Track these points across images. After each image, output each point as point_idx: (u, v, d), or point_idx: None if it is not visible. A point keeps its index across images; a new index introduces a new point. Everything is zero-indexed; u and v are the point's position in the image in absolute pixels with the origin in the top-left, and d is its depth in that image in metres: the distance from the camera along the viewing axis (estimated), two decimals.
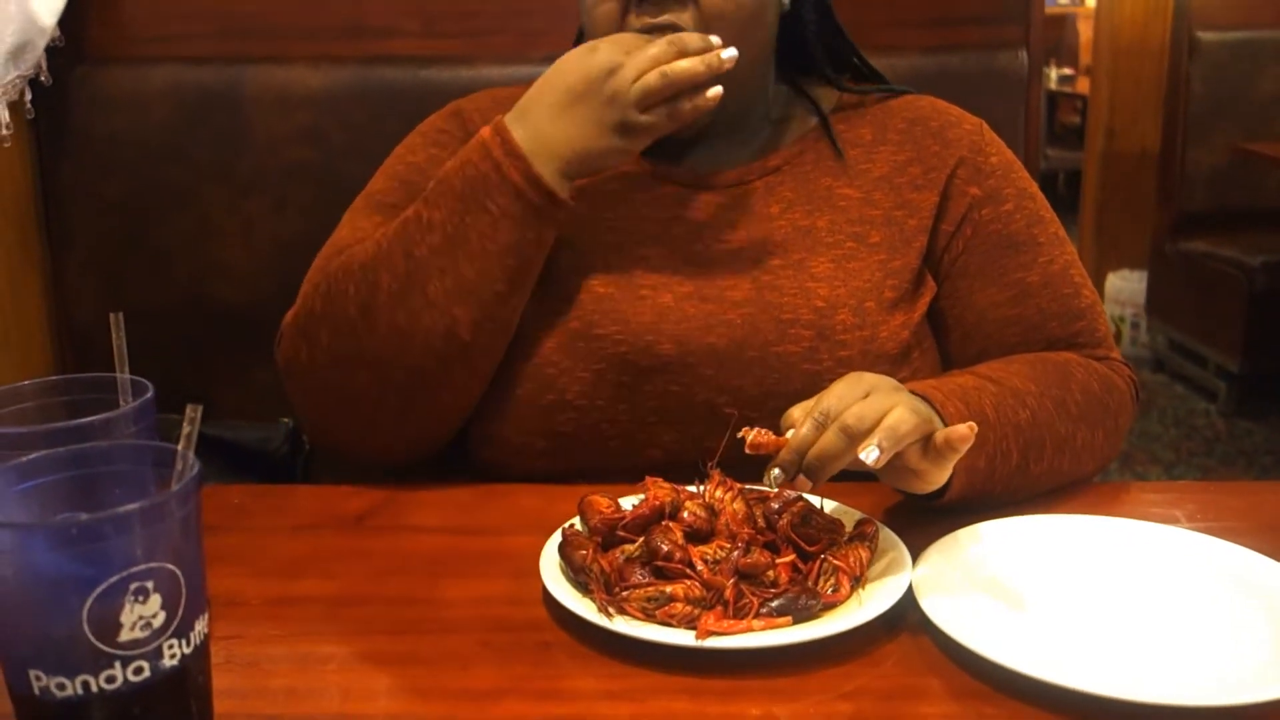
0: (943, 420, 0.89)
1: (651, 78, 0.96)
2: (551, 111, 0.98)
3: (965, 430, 0.81)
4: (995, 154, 1.10)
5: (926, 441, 0.82)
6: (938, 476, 0.85)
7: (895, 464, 0.84)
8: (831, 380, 0.92)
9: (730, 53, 0.97)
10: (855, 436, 0.81)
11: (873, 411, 0.81)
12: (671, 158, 1.11)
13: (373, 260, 1.00)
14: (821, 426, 0.82)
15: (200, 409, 0.59)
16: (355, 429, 1.03)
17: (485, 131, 0.99)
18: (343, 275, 1.01)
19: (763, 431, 0.83)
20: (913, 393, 0.88)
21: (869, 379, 0.86)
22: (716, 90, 0.97)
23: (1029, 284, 1.07)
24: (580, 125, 0.98)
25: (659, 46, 0.97)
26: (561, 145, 0.98)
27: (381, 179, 1.14)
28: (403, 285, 0.98)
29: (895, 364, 1.03)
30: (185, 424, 0.58)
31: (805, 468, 0.81)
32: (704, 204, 1.09)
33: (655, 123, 0.97)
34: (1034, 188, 1.11)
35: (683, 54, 0.97)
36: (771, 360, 1.02)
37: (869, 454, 0.79)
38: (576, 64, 0.99)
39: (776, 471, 0.82)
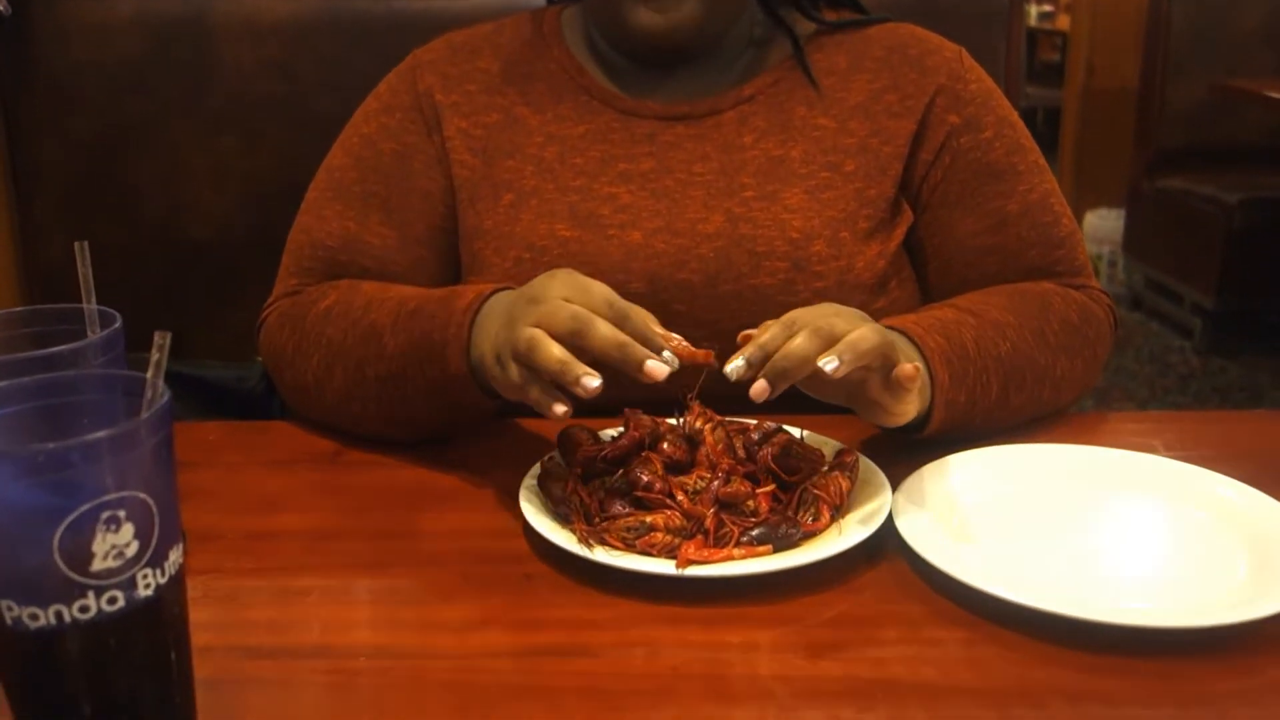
0: (922, 354, 0.89)
1: (556, 352, 0.80)
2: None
3: (910, 370, 0.80)
4: (975, 81, 1.09)
5: (888, 374, 0.82)
6: (899, 409, 0.85)
7: (860, 394, 0.84)
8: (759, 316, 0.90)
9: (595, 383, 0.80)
10: (827, 340, 0.79)
11: (841, 325, 0.80)
12: (646, 90, 1.09)
13: (336, 346, 0.99)
14: (788, 332, 0.80)
15: (169, 336, 0.57)
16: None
17: (469, 295, 0.92)
18: (311, 338, 1.01)
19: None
20: (891, 327, 0.87)
21: (836, 307, 0.85)
22: (565, 410, 0.81)
23: (1008, 212, 1.07)
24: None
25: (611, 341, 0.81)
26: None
27: (340, 153, 1.13)
28: (351, 390, 0.98)
29: (872, 294, 1.02)
30: (154, 351, 0.57)
31: (769, 370, 0.78)
32: (675, 136, 1.08)
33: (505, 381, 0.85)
34: (1014, 116, 1.10)
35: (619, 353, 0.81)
36: (746, 294, 1.01)
37: (829, 362, 0.78)
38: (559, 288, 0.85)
39: (739, 361, 0.79)
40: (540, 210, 1.05)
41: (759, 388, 0.78)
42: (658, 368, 0.78)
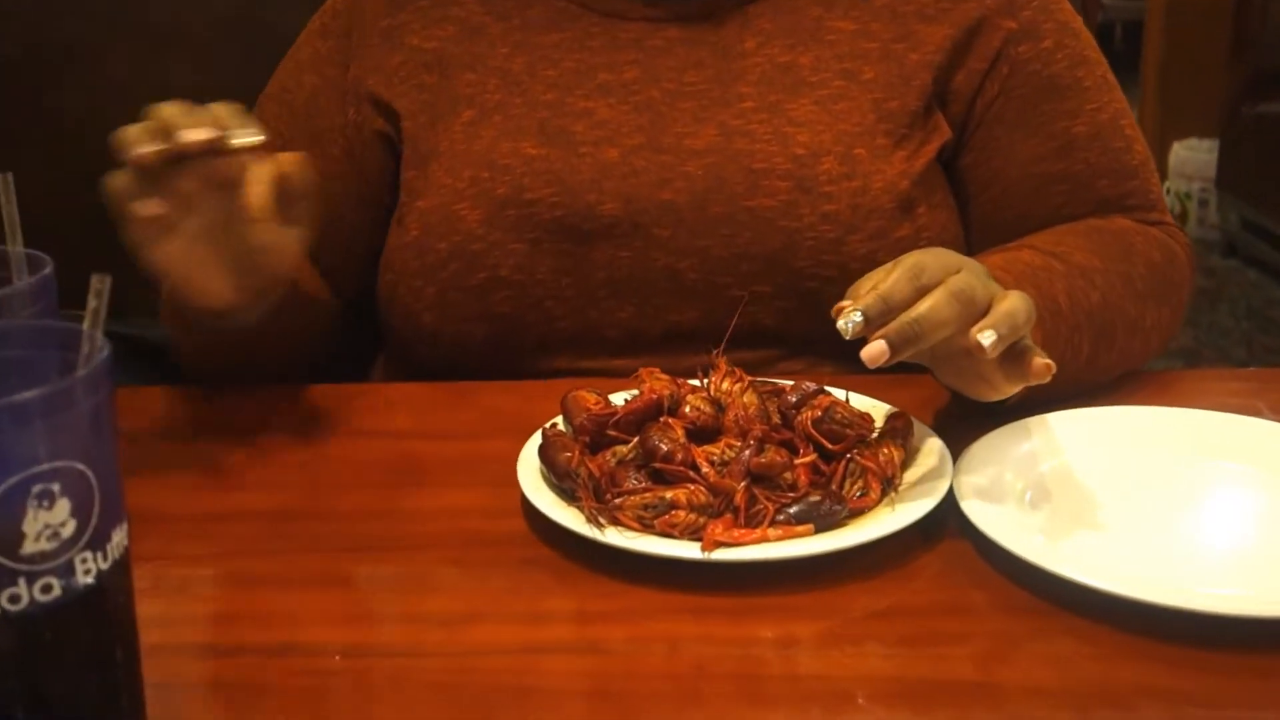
0: None
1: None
2: None
3: (1043, 368, 0.79)
4: None
5: (1010, 350, 0.80)
6: (1007, 390, 0.84)
7: (962, 362, 0.82)
8: (816, 240, 0.89)
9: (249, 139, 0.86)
10: (968, 305, 0.77)
11: (982, 289, 0.79)
12: None
13: None
14: (915, 283, 0.78)
15: (109, 280, 0.57)
16: None
17: None
18: None
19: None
20: None
21: (958, 255, 0.82)
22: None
23: (1075, 135, 1.06)
24: None
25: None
26: None
27: (273, 80, 1.15)
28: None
29: (892, 220, 1.02)
30: (91, 298, 0.56)
31: (895, 332, 0.76)
32: (665, 41, 1.07)
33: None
34: (1078, 23, 1.09)
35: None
36: (741, 216, 1.01)
37: (987, 337, 0.76)
38: None
39: (856, 316, 0.76)
40: (504, 127, 1.05)
41: (876, 350, 0.76)
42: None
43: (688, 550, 0.75)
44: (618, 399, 0.88)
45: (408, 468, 0.92)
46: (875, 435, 0.85)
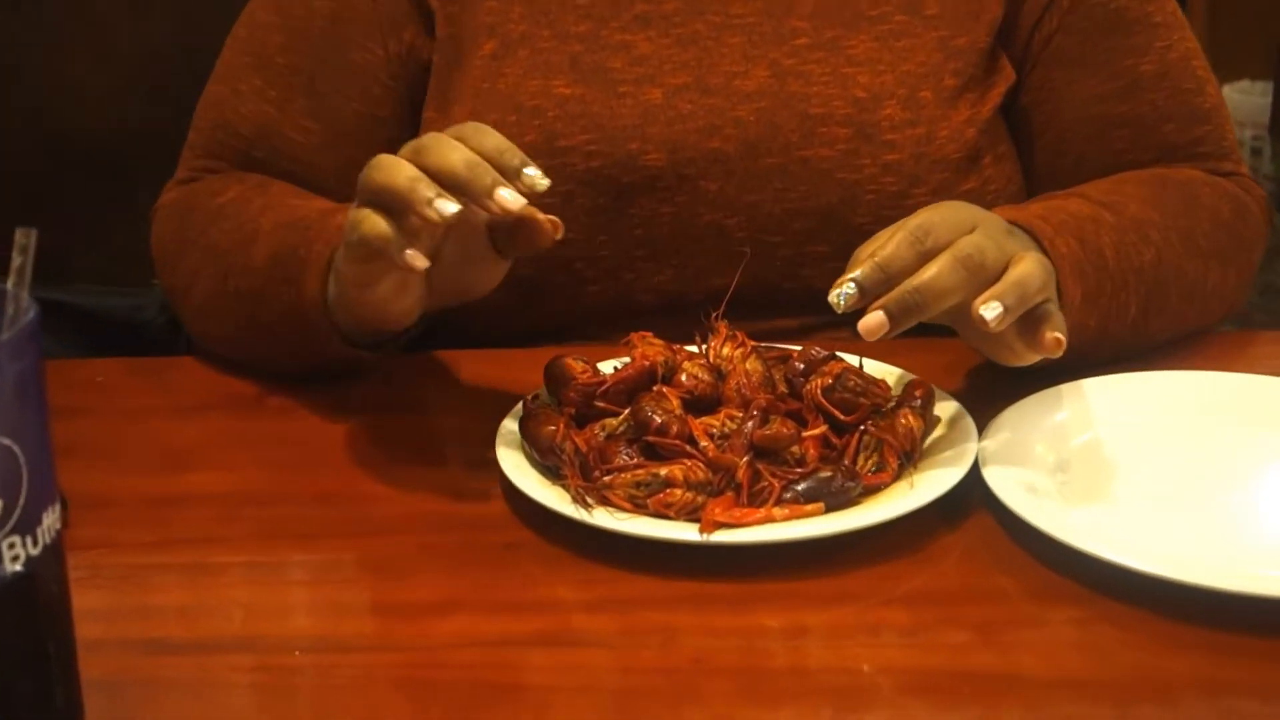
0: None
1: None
2: None
3: (1054, 342, 0.79)
4: None
5: (1028, 314, 0.80)
6: (1029, 358, 0.84)
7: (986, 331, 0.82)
8: (878, 194, 0.89)
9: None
10: (976, 272, 0.77)
11: (995, 252, 0.79)
12: None
13: (212, 248, 1.01)
14: (918, 247, 0.78)
15: (34, 234, 0.56)
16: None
17: (335, 215, 0.93)
18: (194, 235, 1.03)
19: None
20: (1014, 223, 0.87)
21: (972, 209, 0.83)
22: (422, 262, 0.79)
23: (1141, 74, 1.06)
24: None
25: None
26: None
27: (264, 6, 1.09)
28: (210, 302, 1.01)
29: (958, 172, 1.02)
30: (15, 254, 0.56)
31: (894, 302, 0.77)
32: None
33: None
34: None
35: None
36: (795, 168, 1.01)
37: (990, 310, 0.76)
38: None
39: (849, 287, 0.78)
40: (532, 63, 1.04)
41: (874, 322, 0.76)
42: (509, 196, 0.77)
43: (685, 532, 0.75)
44: (607, 367, 0.88)
45: (374, 445, 0.91)
46: (892, 404, 0.85)
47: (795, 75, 1.02)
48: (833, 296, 0.78)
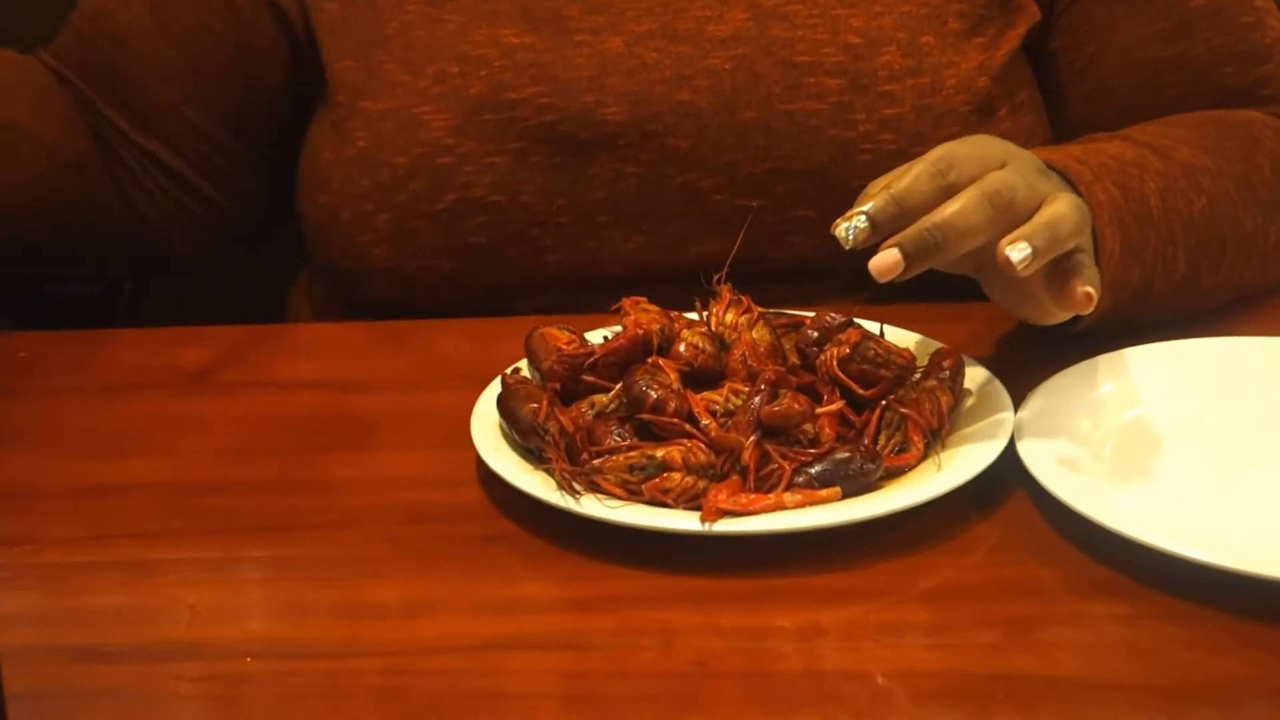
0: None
1: None
2: None
3: (1084, 297, 0.79)
4: None
5: (1057, 265, 0.80)
6: (1058, 315, 0.85)
7: (1011, 282, 0.83)
8: (875, 153, 0.89)
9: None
10: (1004, 211, 0.77)
11: (1025, 191, 0.78)
12: None
13: None
14: (940, 180, 0.78)
15: None
16: None
17: None
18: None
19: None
20: (1049, 165, 0.87)
21: (1003, 143, 0.83)
22: None
23: (1192, 10, 1.05)
24: None
25: None
26: None
27: None
28: None
29: (968, 126, 1.01)
30: None
31: (910, 239, 0.76)
32: None
33: None
34: None
35: None
36: (780, 124, 1.01)
37: (1018, 251, 0.76)
38: None
39: (860, 220, 0.77)
40: (476, 9, 1.04)
41: (887, 261, 0.76)
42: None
43: (685, 522, 0.75)
44: (595, 337, 0.88)
45: (335, 427, 0.91)
46: (917, 376, 0.85)
47: (777, 18, 1.02)
48: (840, 230, 0.78)
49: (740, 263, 0.88)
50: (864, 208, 0.77)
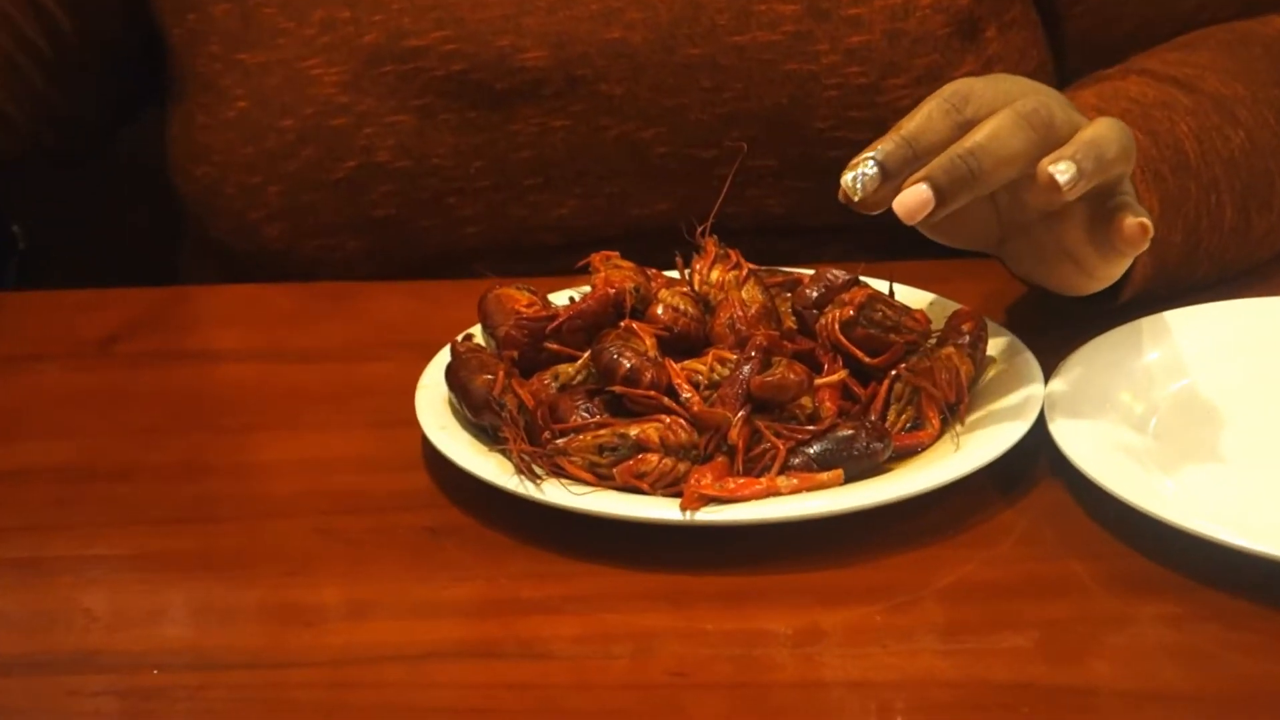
0: None
1: None
2: None
3: (1137, 227, 0.79)
4: None
5: (1099, 208, 0.80)
6: (1106, 271, 0.84)
7: (1039, 237, 0.83)
8: (841, 88, 0.92)
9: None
10: (1044, 132, 0.77)
11: (1063, 113, 0.78)
12: None
13: None
14: (955, 117, 0.78)
15: None
16: None
17: None
18: None
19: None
20: None
21: (1021, 79, 0.83)
22: None
23: None
24: None
25: None
26: None
27: None
28: None
29: (951, 52, 1.01)
30: None
31: (941, 169, 0.76)
32: None
33: None
34: None
35: None
36: (728, 60, 1.01)
37: (1063, 169, 0.75)
38: None
39: (867, 166, 0.76)
40: None
41: (916, 198, 0.75)
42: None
43: (663, 510, 0.75)
44: (560, 299, 0.88)
45: (258, 402, 0.92)
46: (932, 342, 0.85)
47: None
48: (846, 179, 0.77)
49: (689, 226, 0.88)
50: (871, 153, 0.77)
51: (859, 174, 0.77)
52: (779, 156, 1.02)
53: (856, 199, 0.77)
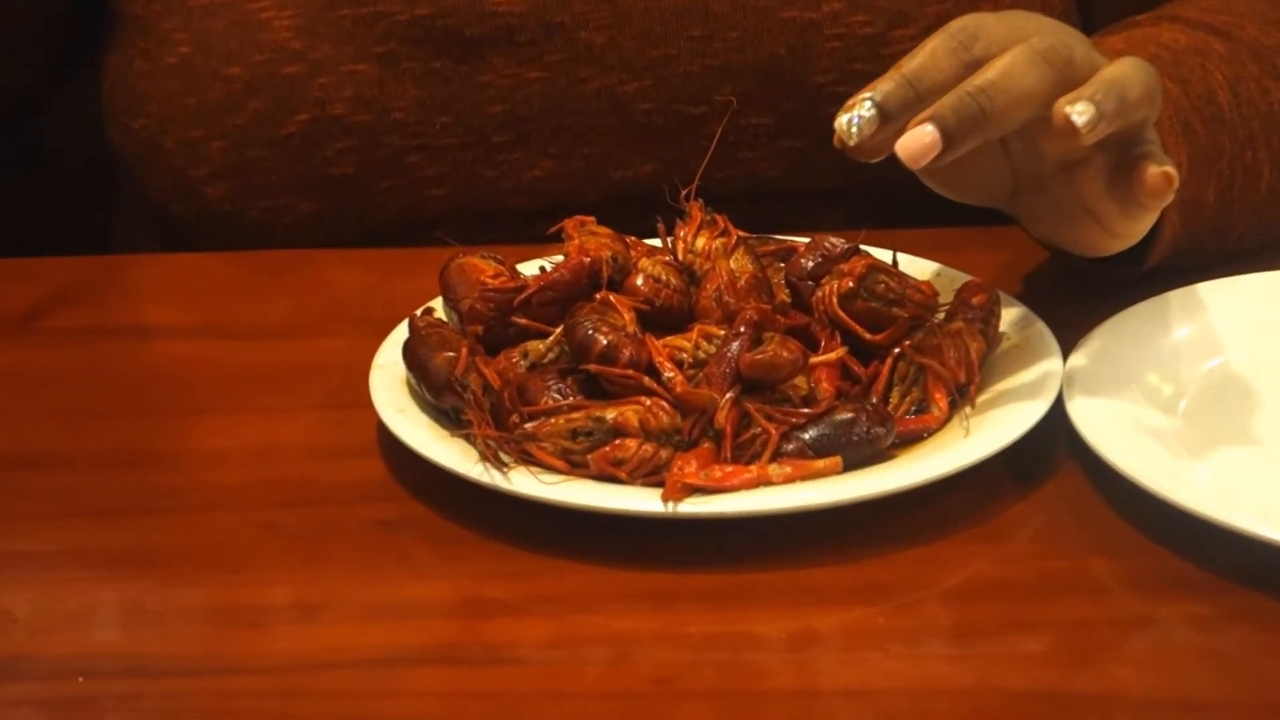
0: None
1: None
2: None
3: (1161, 178, 0.78)
4: None
5: (1121, 158, 0.80)
6: (1128, 229, 0.84)
7: (1055, 191, 0.83)
8: (844, 39, 0.92)
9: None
10: (1062, 69, 0.76)
11: (1083, 51, 0.78)
12: None
13: None
14: (963, 55, 0.78)
15: None
16: None
17: None
18: None
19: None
20: None
21: (1034, 15, 0.82)
22: None
23: None
24: None
25: None
26: None
27: None
28: None
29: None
30: None
31: (960, 106, 0.75)
32: None
33: None
34: None
35: None
36: (721, 7, 1.01)
37: (1081, 109, 0.75)
38: None
39: (864, 108, 0.76)
40: None
41: (921, 141, 0.75)
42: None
43: (642, 501, 0.75)
44: (530, 269, 0.88)
45: (199, 383, 0.92)
46: (940, 317, 0.85)
47: None
48: (841, 121, 0.77)
49: (676, 190, 0.89)
50: (869, 93, 0.77)
51: (855, 115, 0.76)
52: (775, 113, 1.02)
53: (852, 144, 0.77)
